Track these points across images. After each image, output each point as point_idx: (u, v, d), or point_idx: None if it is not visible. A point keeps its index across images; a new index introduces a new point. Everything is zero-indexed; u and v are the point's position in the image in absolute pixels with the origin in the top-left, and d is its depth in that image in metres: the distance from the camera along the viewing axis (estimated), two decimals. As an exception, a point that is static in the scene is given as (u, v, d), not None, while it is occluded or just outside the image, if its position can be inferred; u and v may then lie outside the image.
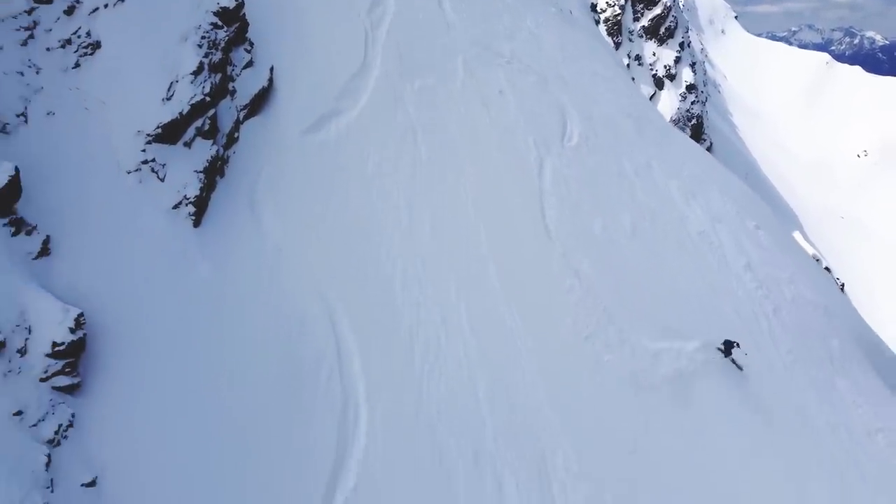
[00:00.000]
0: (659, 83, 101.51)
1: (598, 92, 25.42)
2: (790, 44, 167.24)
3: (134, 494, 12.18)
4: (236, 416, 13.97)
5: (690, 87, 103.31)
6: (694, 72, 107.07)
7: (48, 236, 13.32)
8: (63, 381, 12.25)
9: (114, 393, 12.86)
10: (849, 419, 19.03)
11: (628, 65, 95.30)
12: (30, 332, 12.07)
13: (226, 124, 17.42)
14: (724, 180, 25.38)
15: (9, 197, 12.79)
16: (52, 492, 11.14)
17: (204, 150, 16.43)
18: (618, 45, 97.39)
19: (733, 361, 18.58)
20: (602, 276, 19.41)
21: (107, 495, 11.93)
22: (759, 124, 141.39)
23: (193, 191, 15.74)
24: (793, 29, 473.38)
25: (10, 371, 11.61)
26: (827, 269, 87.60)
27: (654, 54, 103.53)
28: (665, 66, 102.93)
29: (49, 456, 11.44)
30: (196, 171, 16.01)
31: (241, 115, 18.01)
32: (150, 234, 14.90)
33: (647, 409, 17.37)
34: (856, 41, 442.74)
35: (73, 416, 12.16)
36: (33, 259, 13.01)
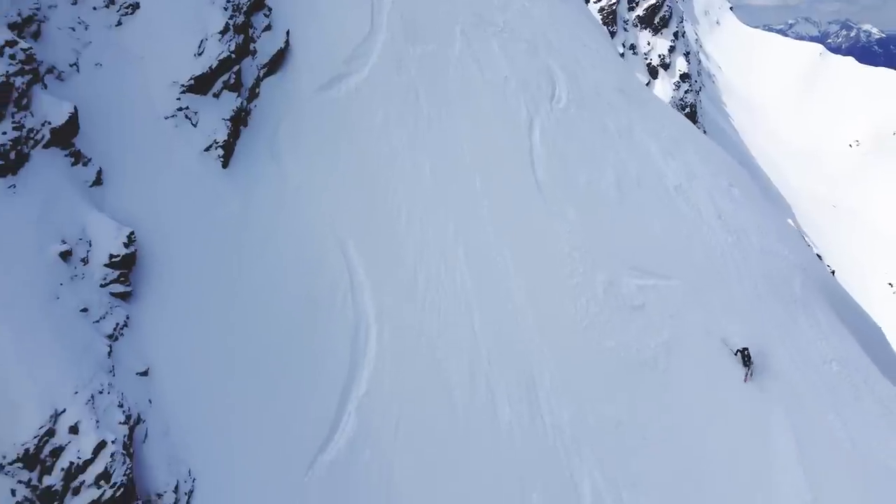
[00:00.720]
0: (653, 72, 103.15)
1: (585, 60, 27.38)
2: (787, 37, 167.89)
3: (178, 385, 14.21)
4: (262, 330, 15.99)
5: (684, 76, 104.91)
6: (688, 61, 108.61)
7: (100, 168, 15.29)
8: (118, 288, 14.25)
9: (160, 302, 14.87)
10: (807, 350, 21.13)
11: (622, 54, 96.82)
12: (90, 245, 14.05)
13: (248, 80, 19.39)
14: (702, 143, 27.38)
15: (69, 132, 14.75)
16: (113, 375, 13.15)
17: (230, 102, 18.41)
18: (613, 35, 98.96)
19: (747, 368, 19.64)
20: (586, 222, 21.45)
21: (156, 382, 13.97)
22: (752, 114, 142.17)
23: (222, 136, 17.72)
24: (789, 22, 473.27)
25: (75, 275, 13.59)
26: (818, 255, 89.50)
27: (648, 44, 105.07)
28: (659, 56, 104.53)
29: (110, 347, 13.46)
30: (223, 119, 17.98)
31: (261, 72, 19.97)
32: (185, 171, 16.87)
33: (627, 338, 19.47)
34: (852, 34, 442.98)
35: (127, 317, 14.17)
36: (89, 186, 14.98)
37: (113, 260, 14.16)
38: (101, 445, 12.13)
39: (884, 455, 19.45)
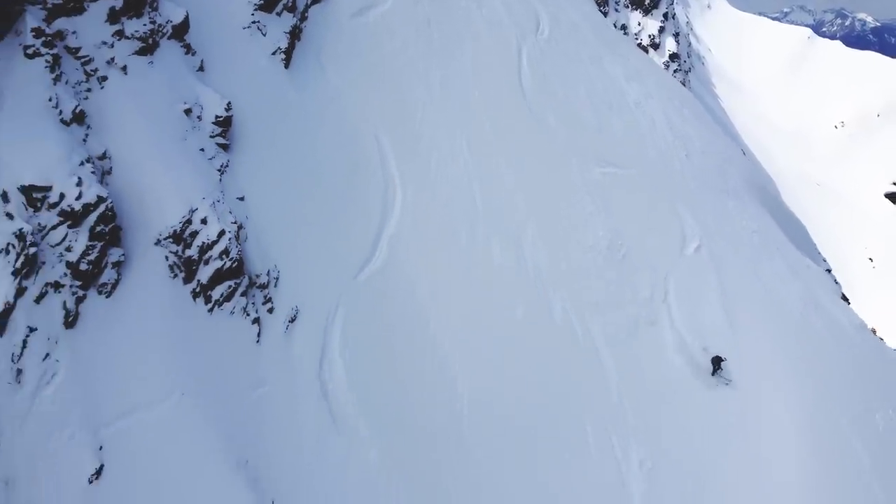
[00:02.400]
0: (643, 52, 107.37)
1: (566, 4, 32.67)
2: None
3: (264, 208, 19.63)
4: (319, 178, 21.42)
5: (673, 56, 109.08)
6: (677, 42, 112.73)
7: (202, 59, 20.64)
8: (220, 140, 19.65)
9: (248, 152, 20.27)
10: (733, 225, 26.69)
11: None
12: (202, 108, 19.42)
13: (300, 5, 24.73)
14: (661, 76, 32.75)
15: (183, 30, 20.07)
16: (223, 193, 18.59)
17: (288, 20, 23.74)
18: (605, 15, 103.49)
19: (721, 376, 21.89)
20: (562, 125, 26.90)
21: (250, 206, 19.38)
22: (741, 96, 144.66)
23: (283, 44, 23.06)
24: (784, 10, 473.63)
25: (194, 127, 18.96)
26: (814, 255, 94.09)
27: (639, 24, 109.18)
28: (649, 36, 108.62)
29: (220, 178, 18.90)
30: (284, 32, 23.32)
31: (309, 1, 25.34)
32: (260, 68, 22.22)
33: (593, 206, 25.00)
34: (847, 22, 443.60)
35: (228, 160, 19.60)
36: (196, 71, 20.35)
37: (217, 119, 19.55)
38: (222, 233, 17.59)
39: (789, 299, 25.02)
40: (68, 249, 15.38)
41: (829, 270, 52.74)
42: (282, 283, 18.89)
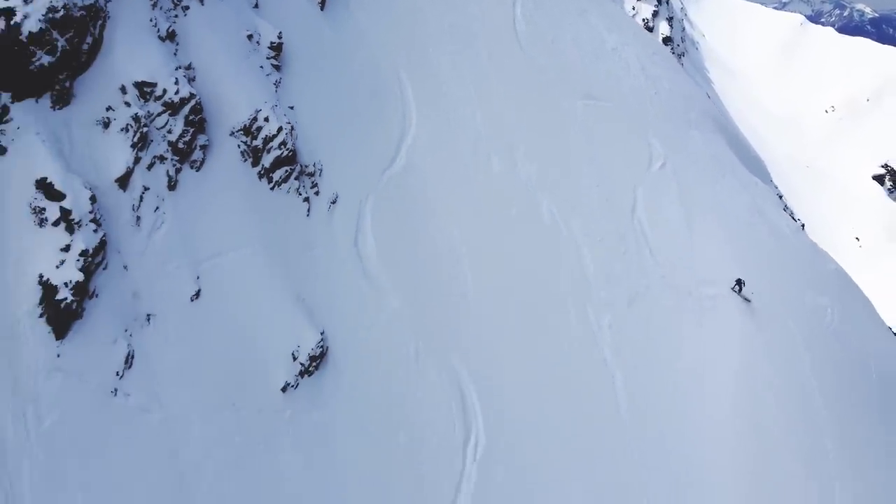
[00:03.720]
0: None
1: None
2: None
3: (309, 114, 24.18)
4: (352, 98, 25.96)
5: (666, 40, 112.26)
6: (671, 26, 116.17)
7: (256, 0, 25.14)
8: (274, 62, 24.13)
9: (297, 73, 24.77)
10: (693, 149, 31.29)
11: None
12: (259, 35, 23.92)
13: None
14: (638, 31, 37.21)
15: (242, -27, 24.57)
16: (278, 102, 23.10)
17: (322, -29, 28.21)
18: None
19: (743, 296, 25.84)
20: (551, 65, 31.42)
21: (298, 114, 23.89)
22: (734, 81, 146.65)
23: (319, -9, 27.57)
24: (783, 0, 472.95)
25: (255, 49, 23.43)
26: (790, 211, 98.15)
27: (633, 8, 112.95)
28: (643, 20, 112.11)
29: (276, 89, 23.41)
30: (319, -19, 27.82)
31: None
32: (300, 9, 26.65)
33: (575, 126, 29.59)
34: (845, 13, 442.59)
35: (280, 78, 24.07)
36: (252, 7, 24.82)
37: (272, 45, 24.04)
38: (280, 129, 22.16)
39: (738, 207, 29.68)
40: (169, 132, 19.95)
41: (803, 225, 56.99)
42: (324, 174, 23.49)
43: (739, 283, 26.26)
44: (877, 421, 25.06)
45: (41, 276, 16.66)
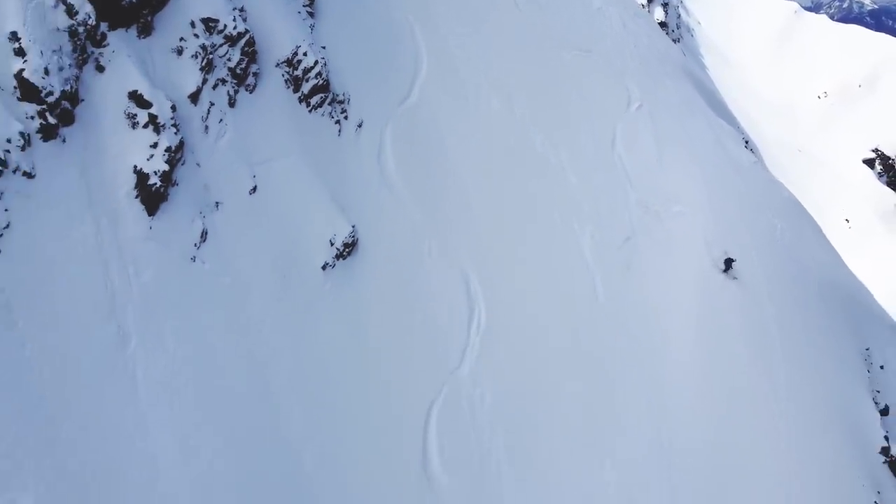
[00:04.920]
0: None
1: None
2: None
3: (338, 57, 28.34)
4: (370, 46, 30.09)
5: (662, 25, 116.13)
6: (666, 12, 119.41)
7: (292, -43, 29.22)
8: (309, 9, 28.26)
9: (325, 21, 28.87)
10: (666, 94, 35.47)
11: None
12: (296, -13, 28.05)
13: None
14: (624, -5, 41.50)
15: (281, -65, 28.68)
16: (313, 42, 27.25)
17: (346, -64, 32.27)
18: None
19: (730, 275, 28.66)
20: (542, 20, 35.58)
21: (329, 53, 28.06)
22: (729, 68, 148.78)
23: (344, -48, 31.63)
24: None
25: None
26: (752, 148, 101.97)
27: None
28: (640, 5, 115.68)
29: (311, 31, 27.56)
30: (344, -56, 31.87)
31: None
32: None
33: (562, 72, 33.78)
34: (845, 5, 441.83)
35: (314, 23, 28.18)
36: (289, -36, 28.91)
37: (306, -5, 28.22)
38: (316, 62, 26.35)
39: (704, 144, 33.93)
40: (228, 60, 24.13)
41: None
42: (352, 102, 27.67)
43: (728, 262, 29.00)
44: (815, 314, 29.45)
45: (135, 167, 20.89)
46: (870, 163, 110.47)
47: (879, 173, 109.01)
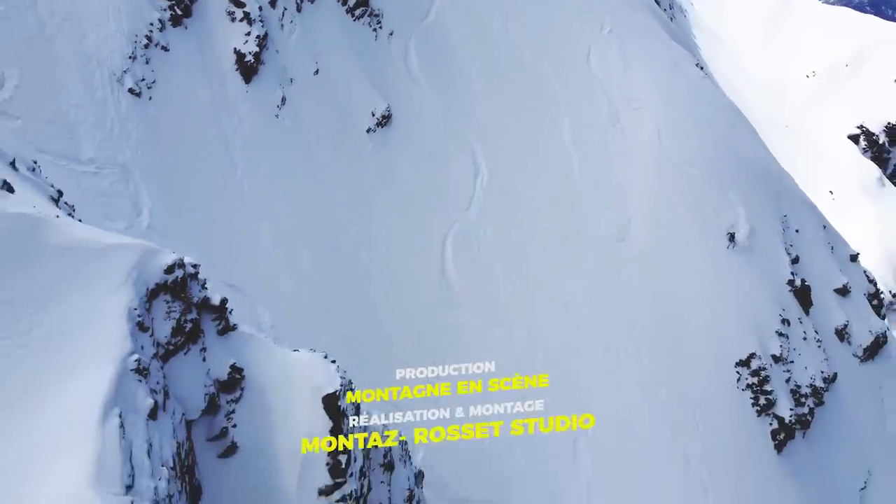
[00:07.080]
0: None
1: None
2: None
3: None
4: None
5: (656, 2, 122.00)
6: None
7: None
8: (350, -53, 35.84)
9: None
10: (636, 25, 42.92)
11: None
12: (340, -72, 35.62)
13: None
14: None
15: None
16: (354, -30, 34.82)
17: None
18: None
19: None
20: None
21: (366, -20, 35.61)
22: (721, 48, 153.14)
23: None
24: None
25: (338, -63, 35.17)
26: (702, 68, 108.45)
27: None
28: None
29: (351, -37, 35.12)
30: None
31: None
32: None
33: (550, 10, 41.27)
34: None
35: (354, -43, 35.74)
36: (334, -88, 36.45)
37: (348, -65, 35.72)
38: None
39: (662, 63, 41.43)
40: (295, -22, 31.76)
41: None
42: (384, 17, 35.21)
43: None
44: (742, 182, 37.15)
45: (235, 48, 28.59)
46: (854, 138, 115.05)
47: (864, 149, 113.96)
